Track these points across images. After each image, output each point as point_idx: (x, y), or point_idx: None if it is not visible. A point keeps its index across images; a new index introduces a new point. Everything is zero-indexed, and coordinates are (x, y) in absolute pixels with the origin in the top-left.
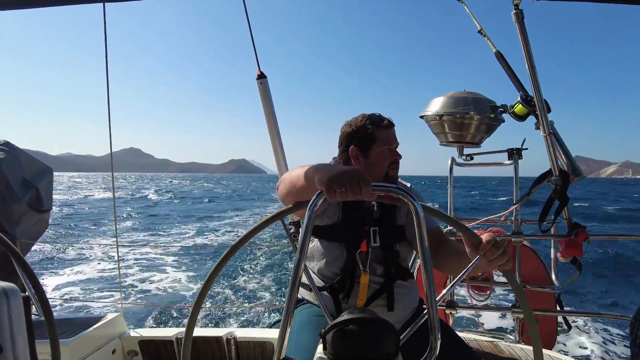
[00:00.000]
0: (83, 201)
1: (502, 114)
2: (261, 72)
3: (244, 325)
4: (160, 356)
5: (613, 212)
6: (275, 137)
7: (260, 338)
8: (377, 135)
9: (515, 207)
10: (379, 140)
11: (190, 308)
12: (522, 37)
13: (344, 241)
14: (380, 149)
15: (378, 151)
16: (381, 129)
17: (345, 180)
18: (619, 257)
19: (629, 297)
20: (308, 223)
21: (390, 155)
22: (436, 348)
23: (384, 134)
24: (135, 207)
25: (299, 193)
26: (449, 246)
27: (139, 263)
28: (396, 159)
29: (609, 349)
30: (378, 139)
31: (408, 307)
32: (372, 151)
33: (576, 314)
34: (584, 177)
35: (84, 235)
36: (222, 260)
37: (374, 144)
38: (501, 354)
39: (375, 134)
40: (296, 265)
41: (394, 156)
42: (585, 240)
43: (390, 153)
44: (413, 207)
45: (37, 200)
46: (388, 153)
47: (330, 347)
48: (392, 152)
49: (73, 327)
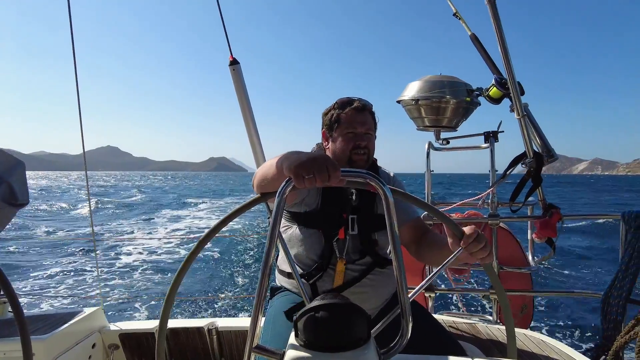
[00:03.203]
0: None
1: (478, 97)
2: (234, 58)
3: (228, 315)
4: (141, 349)
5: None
6: (251, 126)
7: (242, 327)
8: (341, 117)
9: (492, 189)
10: (343, 122)
11: (163, 302)
12: (494, 20)
13: (322, 228)
14: (343, 131)
15: (340, 134)
16: (347, 110)
17: (313, 166)
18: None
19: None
20: (277, 211)
21: (354, 139)
22: (407, 332)
23: (349, 116)
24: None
25: (271, 183)
26: (429, 237)
27: (116, 257)
28: (359, 143)
29: (582, 325)
30: (341, 120)
31: (385, 293)
32: (335, 134)
33: (550, 293)
34: (557, 158)
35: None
36: (191, 255)
37: (339, 126)
38: (479, 335)
39: (340, 115)
40: (266, 252)
41: (358, 140)
42: (559, 221)
43: (354, 137)
44: (382, 191)
45: (10, 195)
46: (351, 136)
47: (301, 333)
48: (356, 136)
49: (51, 323)
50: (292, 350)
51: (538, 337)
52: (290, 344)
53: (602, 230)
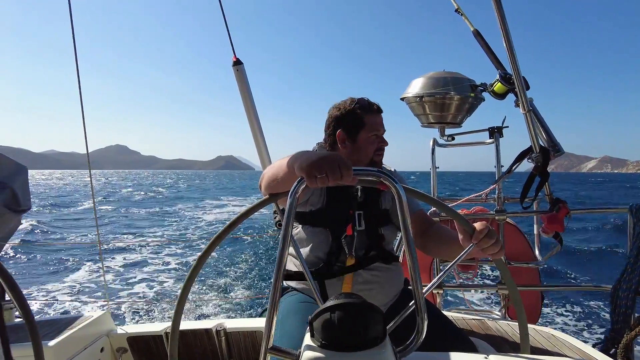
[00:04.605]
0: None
1: (482, 93)
2: (237, 59)
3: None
4: (150, 351)
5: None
6: (256, 125)
7: (250, 328)
8: (365, 120)
9: (497, 184)
10: (367, 125)
11: (175, 303)
12: (498, 15)
13: (329, 226)
14: (367, 134)
15: (365, 137)
16: (370, 114)
17: (325, 166)
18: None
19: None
20: (290, 211)
21: (378, 142)
22: (423, 330)
23: (373, 119)
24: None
25: (281, 183)
26: (436, 230)
27: (122, 260)
28: (382, 145)
29: (591, 319)
30: (366, 124)
31: (393, 289)
32: (359, 136)
33: (559, 288)
34: (563, 153)
35: (65, 236)
36: (202, 256)
37: (362, 129)
38: (488, 331)
39: (364, 119)
40: (279, 253)
41: (380, 142)
42: (567, 216)
43: (377, 139)
44: (395, 189)
45: (13, 200)
46: (375, 139)
47: (317, 334)
48: (379, 139)
49: (58, 328)
50: (309, 351)
51: (548, 331)
52: (306, 345)
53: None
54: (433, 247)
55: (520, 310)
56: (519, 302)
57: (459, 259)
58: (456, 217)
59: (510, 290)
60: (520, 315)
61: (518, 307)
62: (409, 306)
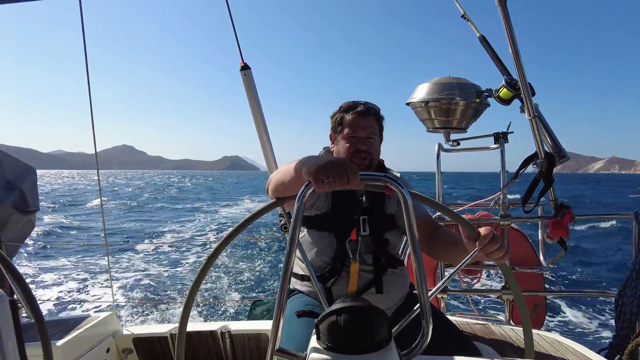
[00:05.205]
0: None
1: (488, 98)
2: (245, 63)
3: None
4: (155, 353)
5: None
6: (262, 129)
7: (255, 330)
8: (344, 120)
9: (503, 190)
10: (345, 125)
11: (182, 305)
12: (505, 20)
13: (334, 230)
14: (344, 134)
15: (342, 137)
16: (350, 114)
17: (332, 170)
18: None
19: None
20: (297, 214)
21: (355, 143)
22: (428, 334)
23: (351, 119)
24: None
25: (288, 188)
26: (442, 234)
27: (129, 261)
28: (360, 147)
29: (596, 325)
30: (344, 123)
31: (398, 293)
32: (339, 136)
33: (563, 293)
34: (568, 158)
35: (73, 236)
36: (210, 259)
37: (342, 129)
38: (492, 335)
39: (344, 118)
40: (287, 256)
41: (358, 144)
42: (571, 221)
43: (355, 140)
44: (401, 194)
45: (22, 201)
46: (352, 140)
47: (324, 336)
48: (357, 140)
49: (65, 328)
50: (315, 353)
51: (552, 337)
52: (312, 347)
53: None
54: (439, 251)
55: (524, 315)
56: (524, 307)
57: (464, 264)
58: (461, 222)
59: (515, 295)
60: (525, 320)
61: (522, 312)
62: (414, 310)
